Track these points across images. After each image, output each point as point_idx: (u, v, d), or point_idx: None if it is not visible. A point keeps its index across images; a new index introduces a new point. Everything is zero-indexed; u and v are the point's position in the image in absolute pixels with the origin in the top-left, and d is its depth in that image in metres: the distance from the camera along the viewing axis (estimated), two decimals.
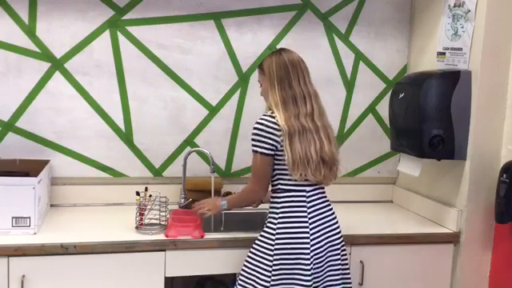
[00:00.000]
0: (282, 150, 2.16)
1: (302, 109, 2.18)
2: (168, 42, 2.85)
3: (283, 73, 2.19)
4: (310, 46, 3.00)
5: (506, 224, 2.50)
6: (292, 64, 2.20)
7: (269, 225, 2.22)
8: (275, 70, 2.20)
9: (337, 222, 2.28)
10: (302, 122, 2.16)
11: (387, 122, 2.95)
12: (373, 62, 3.14)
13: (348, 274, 2.32)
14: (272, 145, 2.16)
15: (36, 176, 2.34)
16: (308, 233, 2.17)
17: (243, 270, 2.25)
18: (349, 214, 2.79)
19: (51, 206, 2.75)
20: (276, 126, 2.15)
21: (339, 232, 2.28)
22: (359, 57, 3.12)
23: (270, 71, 2.21)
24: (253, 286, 2.19)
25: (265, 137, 2.16)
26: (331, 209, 2.28)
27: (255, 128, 2.18)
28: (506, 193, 2.42)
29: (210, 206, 2.38)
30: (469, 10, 2.61)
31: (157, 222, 2.46)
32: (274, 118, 2.17)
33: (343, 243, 2.30)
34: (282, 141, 2.15)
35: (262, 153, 2.17)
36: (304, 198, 2.20)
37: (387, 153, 3.19)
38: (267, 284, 2.15)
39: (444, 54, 2.77)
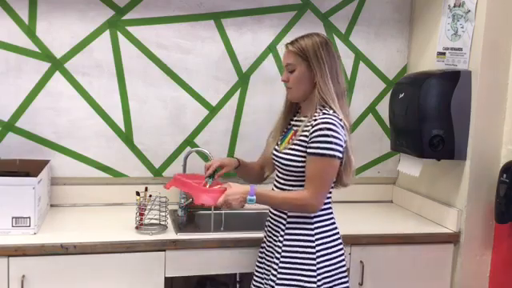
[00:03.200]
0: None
1: (347, 108, 1.96)
2: (168, 42, 2.85)
3: (333, 62, 1.86)
4: None
5: (506, 224, 2.50)
6: (338, 55, 1.89)
7: (304, 237, 1.99)
8: (324, 56, 1.82)
9: None
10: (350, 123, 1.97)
11: (387, 121, 2.95)
12: (373, 62, 3.14)
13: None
14: (344, 147, 1.92)
15: (36, 176, 2.34)
16: (340, 238, 2.11)
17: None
18: (349, 214, 2.80)
19: (51, 206, 2.75)
20: (345, 127, 1.92)
21: None
22: (359, 57, 3.12)
23: (319, 57, 1.83)
24: None
25: (341, 139, 1.88)
26: None
27: (330, 129, 1.85)
28: (506, 193, 2.42)
29: (235, 202, 1.92)
30: (469, 10, 2.61)
31: (157, 221, 2.46)
32: (337, 116, 1.89)
33: None
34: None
35: (339, 157, 1.88)
36: (330, 205, 2.11)
37: (387, 153, 3.19)
38: None
39: (444, 54, 2.77)
